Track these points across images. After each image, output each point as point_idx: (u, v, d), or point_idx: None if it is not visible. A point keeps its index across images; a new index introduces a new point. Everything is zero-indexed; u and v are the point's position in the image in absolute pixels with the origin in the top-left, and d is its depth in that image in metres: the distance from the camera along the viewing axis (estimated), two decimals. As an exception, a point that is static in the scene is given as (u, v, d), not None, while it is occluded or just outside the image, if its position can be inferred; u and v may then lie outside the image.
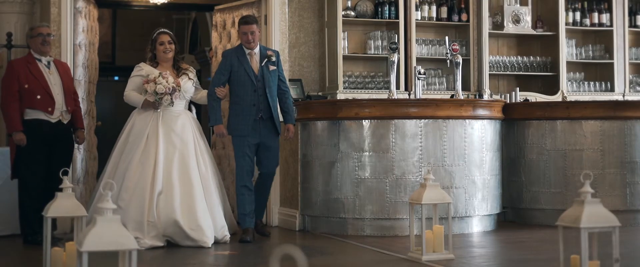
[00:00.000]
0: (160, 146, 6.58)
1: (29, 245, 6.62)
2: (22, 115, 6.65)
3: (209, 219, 6.53)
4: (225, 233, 6.65)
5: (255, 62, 6.83)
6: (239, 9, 8.55)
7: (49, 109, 6.67)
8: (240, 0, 8.49)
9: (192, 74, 7.00)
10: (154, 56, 6.92)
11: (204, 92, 6.98)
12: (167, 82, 6.61)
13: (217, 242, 6.55)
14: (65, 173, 4.96)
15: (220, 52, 8.47)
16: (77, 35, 7.72)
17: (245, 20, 6.91)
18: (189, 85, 6.91)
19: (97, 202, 6.11)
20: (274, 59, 6.85)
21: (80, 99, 7.23)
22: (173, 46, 6.92)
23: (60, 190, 4.88)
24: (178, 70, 6.92)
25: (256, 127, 6.76)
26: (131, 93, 6.84)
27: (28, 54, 6.88)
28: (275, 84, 6.88)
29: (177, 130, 6.69)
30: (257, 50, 6.88)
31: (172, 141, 6.64)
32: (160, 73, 6.68)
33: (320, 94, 9.00)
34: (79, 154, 7.61)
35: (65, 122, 6.79)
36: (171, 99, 6.64)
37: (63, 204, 4.81)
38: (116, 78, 15.24)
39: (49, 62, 6.80)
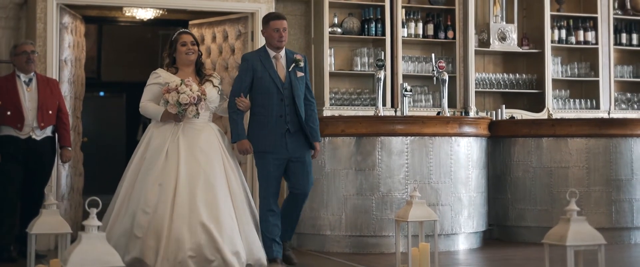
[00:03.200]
0: (181, 164, 5.68)
1: (1, 262, 6.55)
2: None
3: (241, 246, 5.66)
4: (263, 263, 5.79)
5: (281, 67, 6.01)
6: (223, 24, 8.53)
7: (18, 125, 6.63)
8: (226, 15, 8.47)
9: (216, 80, 6.10)
10: (173, 61, 6.04)
11: (226, 104, 6.12)
12: (191, 90, 5.71)
13: None
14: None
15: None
16: (63, 50, 7.68)
17: (276, 15, 6.08)
18: (214, 93, 5.99)
19: (113, 225, 5.71)
20: (302, 64, 6.07)
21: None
22: (196, 48, 6.02)
23: (41, 206, 4.85)
24: (201, 77, 6.04)
25: (283, 141, 5.93)
26: (148, 104, 5.93)
27: (12, 71, 6.86)
28: (304, 93, 6.06)
29: (202, 146, 5.78)
30: (283, 53, 6.07)
31: (196, 157, 5.73)
32: (182, 80, 5.76)
33: (306, 110, 8.96)
34: (64, 170, 7.56)
35: (38, 138, 6.70)
36: (196, 109, 5.74)
37: (47, 221, 4.76)
38: (102, 94, 15.18)
39: (30, 79, 6.76)
